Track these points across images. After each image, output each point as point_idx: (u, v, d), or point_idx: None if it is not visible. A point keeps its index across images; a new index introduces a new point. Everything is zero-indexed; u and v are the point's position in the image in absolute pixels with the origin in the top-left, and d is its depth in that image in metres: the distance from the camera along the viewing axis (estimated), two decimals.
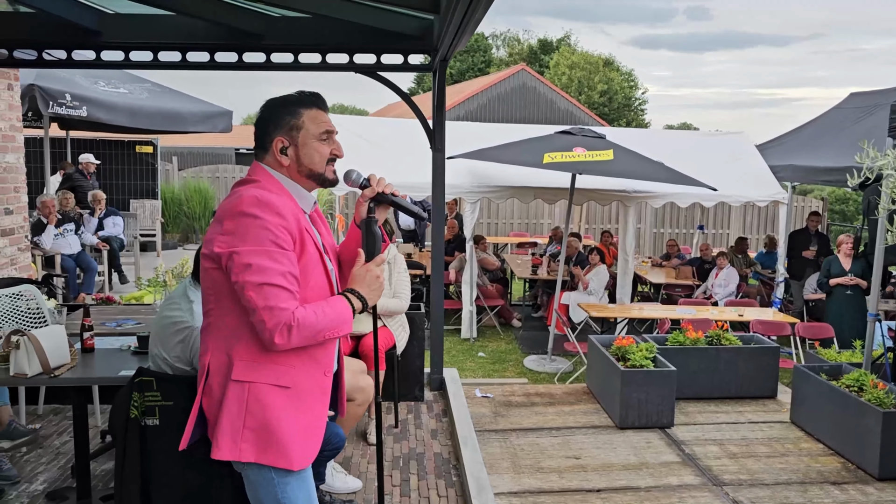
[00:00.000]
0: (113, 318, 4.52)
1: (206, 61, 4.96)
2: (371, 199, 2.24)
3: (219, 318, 2.08)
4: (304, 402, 2.10)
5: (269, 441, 2.04)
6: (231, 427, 2.03)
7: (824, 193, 19.56)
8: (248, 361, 2.04)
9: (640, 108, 41.16)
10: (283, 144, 2.13)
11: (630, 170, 7.11)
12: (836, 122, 9.83)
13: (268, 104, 2.19)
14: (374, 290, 2.18)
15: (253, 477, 2.11)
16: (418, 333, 5.00)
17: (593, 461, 4.71)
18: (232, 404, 2.04)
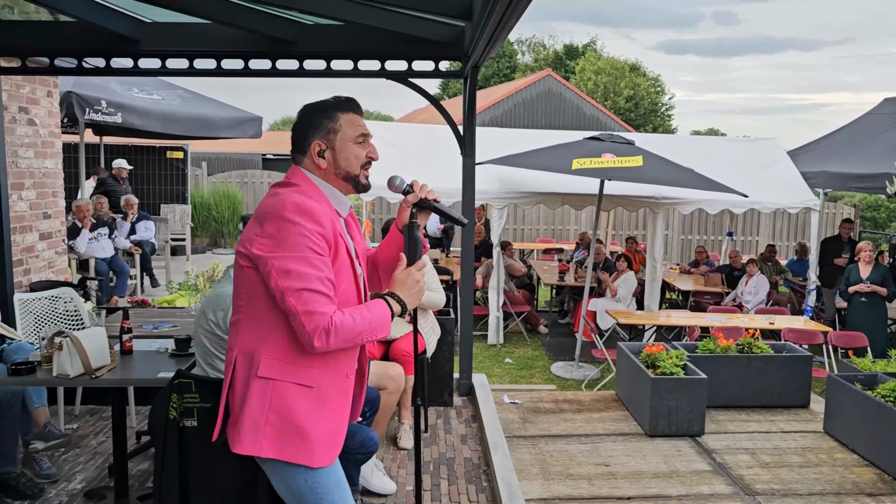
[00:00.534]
0: (149, 321, 4.60)
1: (240, 68, 5.04)
2: (413, 204, 2.27)
3: (249, 315, 2.11)
4: (326, 402, 2.13)
5: (290, 438, 2.07)
6: (252, 422, 2.07)
7: (856, 200, 19.29)
8: (274, 360, 2.07)
9: (666, 113, 40.87)
10: (321, 147, 2.17)
11: (660, 176, 7.07)
12: (870, 128, 9.71)
13: (305, 109, 2.23)
14: (414, 294, 2.22)
15: (280, 470, 2.13)
16: (447, 338, 5.02)
17: (623, 469, 4.68)
18: (255, 400, 2.07)
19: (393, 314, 2.16)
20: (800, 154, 10.33)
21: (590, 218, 14.43)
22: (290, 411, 2.07)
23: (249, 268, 2.07)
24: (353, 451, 3.19)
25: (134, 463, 4.01)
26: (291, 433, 2.08)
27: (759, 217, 15.28)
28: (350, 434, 3.20)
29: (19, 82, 5.59)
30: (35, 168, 5.77)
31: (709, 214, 12.17)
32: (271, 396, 2.07)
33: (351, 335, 2.03)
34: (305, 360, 2.09)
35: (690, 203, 8.53)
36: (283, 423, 2.07)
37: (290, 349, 2.07)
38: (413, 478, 3.96)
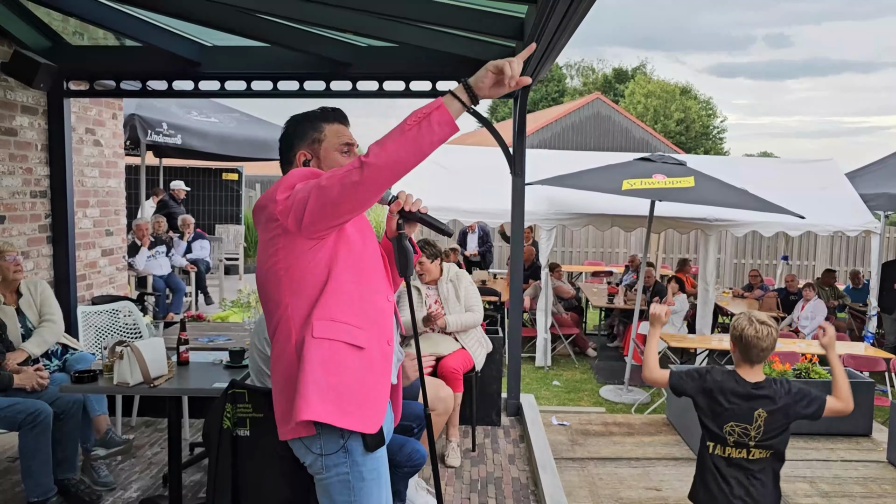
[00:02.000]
0: (205, 334, 4.71)
1: (295, 90, 5.17)
2: (400, 216, 2.29)
3: (291, 287, 2.08)
4: (374, 365, 2.11)
5: (349, 404, 2.04)
6: (316, 384, 2.00)
7: None
8: (326, 320, 2.05)
9: (718, 136, 40.27)
10: (306, 157, 2.22)
11: (712, 197, 6.96)
12: None
13: (291, 120, 2.28)
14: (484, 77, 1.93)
15: (331, 463, 2.10)
16: (495, 357, 5.01)
17: (675, 494, 4.57)
18: (315, 362, 2.02)
19: (461, 101, 1.91)
20: (859, 176, 10.04)
21: (639, 240, 14.24)
22: (347, 373, 2.04)
23: (280, 234, 2.05)
24: (401, 464, 3.19)
25: (187, 474, 4.09)
26: (347, 396, 2.03)
27: (815, 240, 14.87)
28: (398, 446, 3.22)
29: (87, 105, 5.84)
30: (99, 187, 6.00)
31: (763, 237, 11.93)
32: (330, 357, 2.03)
33: (403, 144, 1.87)
34: (354, 320, 2.08)
35: (744, 225, 8.36)
36: (343, 386, 2.03)
37: (337, 310, 2.06)
38: (459, 496, 3.95)
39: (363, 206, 1.99)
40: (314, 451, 2.11)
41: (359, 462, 2.11)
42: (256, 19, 4.52)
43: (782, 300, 9.64)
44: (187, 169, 13.02)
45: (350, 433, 2.08)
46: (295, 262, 2.07)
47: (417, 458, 3.23)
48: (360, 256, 2.15)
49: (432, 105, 1.87)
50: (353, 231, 2.15)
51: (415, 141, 1.86)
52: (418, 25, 4.49)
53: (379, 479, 2.17)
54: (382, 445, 2.15)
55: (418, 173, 7.99)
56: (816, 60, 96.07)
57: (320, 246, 2.07)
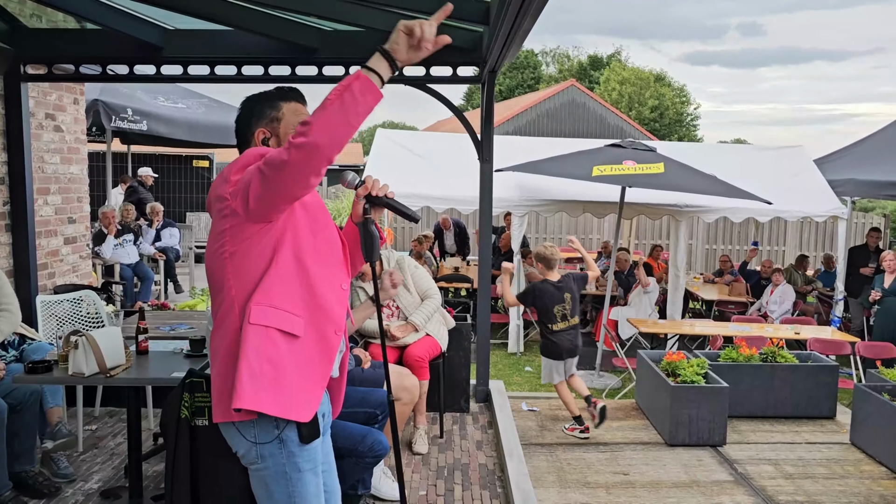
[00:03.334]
0: (167, 322, 4.65)
1: (260, 75, 5.08)
2: (366, 200, 2.28)
3: (235, 268, 2.06)
4: (309, 354, 2.09)
5: (279, 390, 2.02)
6: (250, 373, 1.99)
7: (887, 210, 18.91)
8: (263, 306, 2.03)
9: (692, 123, 40.55)
10: (265, 135, 2.19)
11: (681, 183, 6.99)
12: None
13: (248, 100, 2.25)
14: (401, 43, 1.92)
15: (267, 453, 2.08)
16: (464, 344, 5.00)
17: (642, 478, 4.61)
18: (250, 349, 2.00)
19: (378, 74, 1.88)
20: (827, 162, 10.15)
21: (613, 226, 14.31)
22: (280, 361, 2.02)
23: (228, 215, 2.03)
24: (363, 455, 3.17)
25: (150, 464, 4.03)
26: (281, 386, 2.02)
27: (785, 226, 15.05)
28: (360, 436, 3.20)
29: (46, 89, 5.69)
30: (61, 174, 5.86)
31: (733, 223, 12.04)
32: (265, 345, 2.02)
33: (328, 119, 1.83)
34: (294, 307, 2.06)
35: (714, 211, 8.43)
36: (275, 374, 2.01)
37: (277, 295, 2.04)
38: (426, 483, 3.94)
39: (301, 188, 1.94)
40: (248, 439, 2.09)
41: (295, 453, 2.09)
42: (220, 2, 4.42)
43: (753, 285, 9.74)
44: (156, 156, 12.83)
45: (285, 423, 2.06)
46: (241, 246, 2.05)
47: (379, 448, 3.21)
48: (309, 243, 2.12)
49: (351, 77, 1.86)
50: (304, 216, 2.13)
51: (339, 115, 1.83)
52: (384, 10, 4.43)
53: (315, 469, 2.15)
54: (318, 437, 2.13)
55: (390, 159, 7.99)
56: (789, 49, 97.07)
57: (267, 230, 2.05)
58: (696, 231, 14.91)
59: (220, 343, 2.10)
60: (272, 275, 2.06)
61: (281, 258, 2.07)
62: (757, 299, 9.41)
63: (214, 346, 2.13)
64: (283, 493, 2.12)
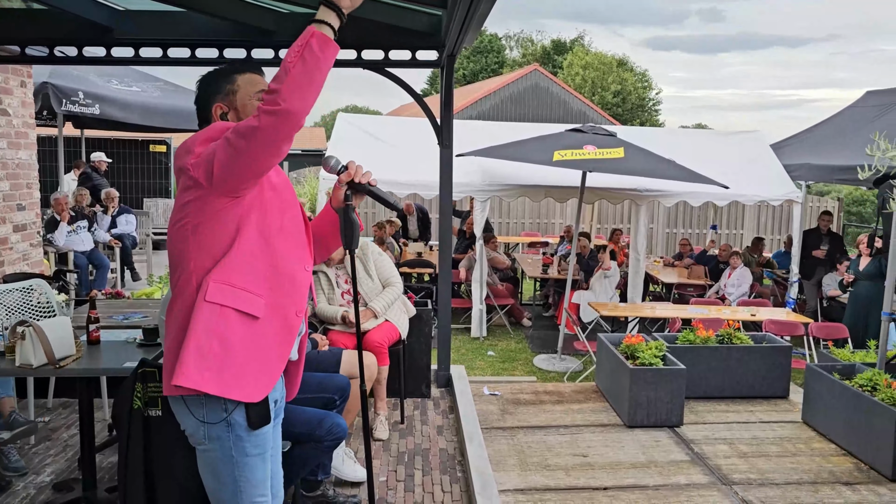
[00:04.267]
0: (121, 311, 4.55)
1: (215, 57, 4.98)
2: (348, 187, 2.26)
3: (198, 242, 2.04)
4: (266, 336, 2.07)
5: (227, 371, 2.00)
6: (198, 350, 1.98)
7: (841, 194, 19.38)
8: (222, 284, 2.01)
9: (654, 108, 40.96)
10: (223, 110, 2.16)
11: (641, 168, 7.06)
12: (852, 120, 9.74)
13: (203, 78, 2.23)
14: None
15: (214, 434, 2.07)
16: (425, 330, 4.99)
17: (601, 459, 4.67)
18: (200, 326, 1.99)
19: (329, 25, 1.88)
20: (783, 147, 10.35)
21: (574, 211, 14.43)
22: (232, 342, 2.01)
23: (191, 186, 2.00)
24: (322, 439, 3.15)
25: (105, 455, 3.96)
26: (230, 367, 2.00)
27: (743, 210, 15.33)
28: (317, 420, 3.18)
29: None
30: (8, 159, 5.69)
31: (693, 207, 12.23)
32: (217, 323, 2.00)
33: (293, 82, 1.82)
34: (254, 287, 2.05)
35: (673, 196, 8.53)
36: (225, 355, 2.00)
37: (237, 274, 2.02)
38: (386, 468, 3.94)
39: (271, 156, 1.91)
40: (196, 417, 2.07)
41: (242, 437, 2.08)
42: None
43: (711, 269, 9.91)
44: (111, 140, 12.53)
45: (234, 406, 2.05)
46: (204, 221, 2.02)
47: (338, 431, 3.19)
48: (278, 221, 2.10)
49: (306, 35, 1.84)
50: (272, 196, 2.10)
51: (303, 75, 1.82)
52: None
53: (264, 454, 2.14)
54: (267, 423, 2.11)
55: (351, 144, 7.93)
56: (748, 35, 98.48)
57: (233, 206, 2.02)
58: (657, 215, 15.11)
59: (174, 316, 2.08)
60: (235, 253, 2.03)
61: (245, 236, 2.04)
62: (715, 282, 9.58)
63: (168, 319, 2.11)
64: (229, 476, 2.12)
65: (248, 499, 2.14)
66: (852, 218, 20.68)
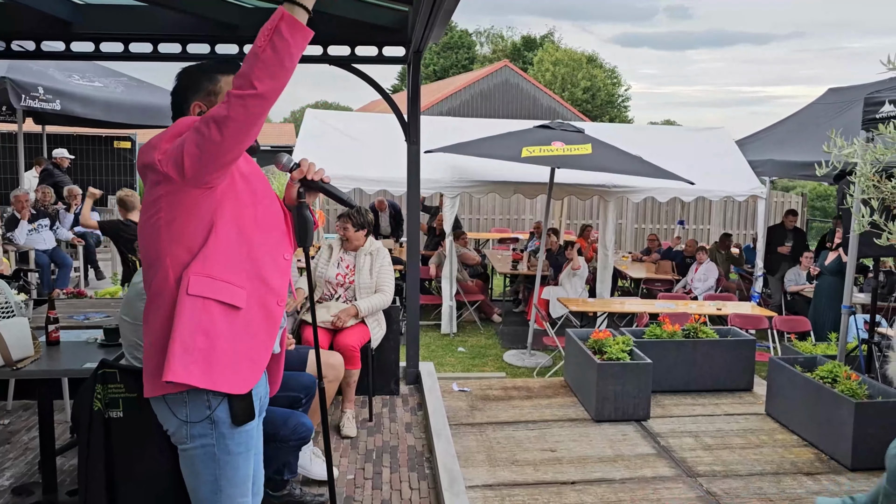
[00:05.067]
0: (82, 311, 4.47)
1: (178, 52, 4.91)
2: (301, 184, 2.25)
3: (172, 236, 2.01)
4: (250, 326, 2.07)
5: (215, 364, 1.99)
6: (183, 345, 1.96)
7: (805, 190, 19.74)
8: (203, 276, 1.99)
9: (623, 104, 41.30)
10: (202, 109, 2.13)
11: (608, 164, 7.11)
12: (814, 117, 9.91)
13: (185, 72, 2.19)
14: None
15: (197, 433, 2.05)
16: (394, 327, 4.98)
17: (569, 454, 4.70)
18: (185, 320, 1.97)
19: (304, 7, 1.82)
20: (748, 143, 10.50)
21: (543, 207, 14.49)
22: (217, 334, 1.99)
23: (160, 182, 1.97)
24: (287, 438, 3.13)
25: (66, 458, 3.89)
26: (218, 360, 1.99)
27: (710, 205, 15.53)
28: (282, 420, 3.16)
29: None
30: None
31: (661, 203, 12.34)
32: (200, 316, 1.98)
33: (263, 67, 1.78)
34: (235, 278, 2.03)
35: (641, 191, 8.61)
36: (212, 348, 1.99)
37: (217, 266, 2.01)
38: (353, 466, 3.93)
39: (242, 142, 1.89)
40: (179, 417, 2.05)
41: (226, 435, 2.06)
42: None
43: (679, 264, 10.03)
44: (75, 137, 12.27)
45: (218, 403, 2.03)
46: (178, 215, 1.99)
47: (303, 430, 3.18)
48: (251, 211, 2.09)
49: (275, 18, 1.80)
50: (244, 185, 2.08)
51: (273, 60, 1.79)
52: None
53: (247, 452, 2.12)
54: (252, 419, 2.09)
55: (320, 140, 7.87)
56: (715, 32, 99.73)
57: (205, 197, 1.99)
58: (625, 211, 15.24)
59: (154, 315, 2.05)
60: (212, 244, 2.01)
61: (221, 227, 2.02)
62: (683, 277, 9.70)
63: (148, 319, 2.08)
64: (209, 475, 2.09)
65: (227, 499, 2.11)
66: (816, 213, 21.06)
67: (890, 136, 3.02)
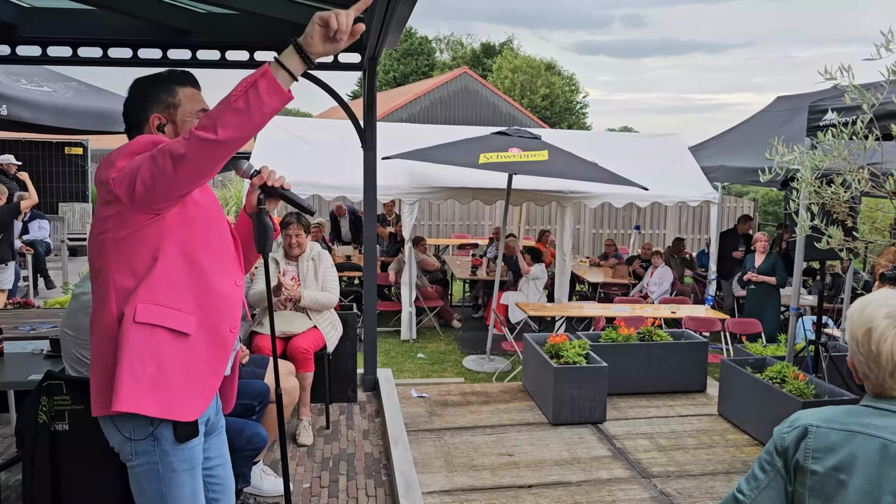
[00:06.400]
0: (28, 321, 4.35)
1: (128, 58, 4.82)
2: (261, 191, 2.26)
3: (119, 262, 1.99)
4: (198, 353, 2.05)
5: (164, 392, 1.97)
6: (132, 374, 1.94)
7: (758, 195, 20.20)
8: (150, 304, 1.97)
9: (581, 111, 41.82)
10: (161, 122, 2.12)
11: (564, 170, 7.20)
12: (764, 124, 10.16)
13: (140, 82, 2.16)
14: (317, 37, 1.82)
15: (140, 450, 2.02)
16: (351, 334, 4.96)
17: (526, 458, 4.74)
18: (132, 349, 1.95)
19: (288, 70, 1.81)
20: (701, 150, 10.72)
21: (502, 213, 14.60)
22: (166, 362, 1.98)
23: (111, 201, 1.94)
24: (241, 448, 3.10)
25: (12, 472, 3.78)
26: (166, 387, 1.98)
27: (665, 211, 15.81)
28: (237, 430, 3.12)
29: None
30: None
31: (618, 209, 12.54)
32: (149, 343, 1.96)
33: (232, 117, 1.75)
34: (183, 304, 2.02)
35: (597, 197, 8.73)
36: (160, 375, 1.97)
37: (163, 292, 1.99)
38: (310, 475, 3.90)
39: (196, 181, 1.88)
40: (124, 434, 2.03)
41: (168, 452, 2.03)
42: None
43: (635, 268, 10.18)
44: (22, 142, 11.96)
45: (160, 421, 2.01)
46: (125, 236, 1.97)
47: (258, 441, 3.15)
48: (201, 236, 2.07)
49: (258, 72, 1.78)
50: (195, 210, 2.06)
51: (244, 113, 1.76)
52: None
53: (192, 470, 2.10)
54: (196, 436, 2.07)
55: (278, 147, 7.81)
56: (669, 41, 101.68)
57: (153, 223, 1.97)
58: (583, 216, 15.42)
59: (96, 331, 2.03)
60: (158, 271, 1.99)
61: (168, 253, 2.00)
62: (639, 281, 9.85)
63: (93, 334, 2.06)
64: (154, 492, 2.07)
65: None
66: (769, 217, 21.54)
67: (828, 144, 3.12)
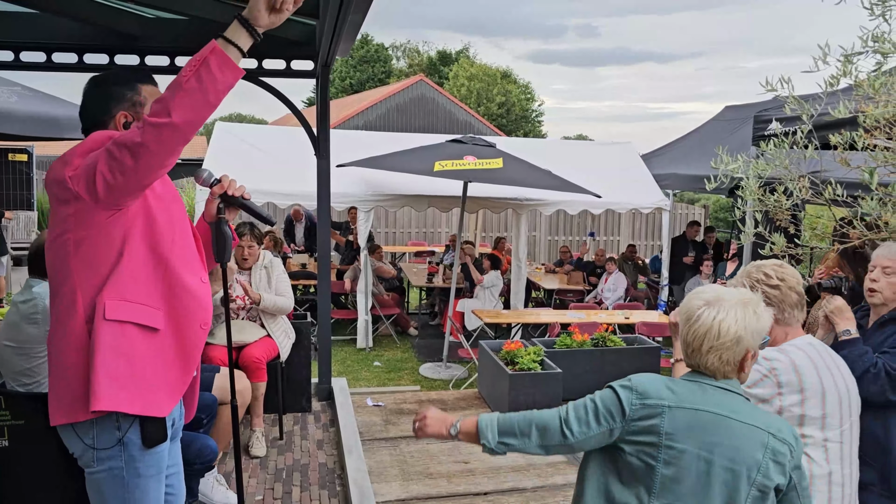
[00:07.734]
0: None
1: (74, 63, 4.70)
2: (222, 200, 2.25)
3: (83, 262, 1.95)
4: (168, 348, 2.03)
5: (137, 388, 1.96)
6: (107, 373, 1.91)
7: (709, 202, 20.66)
8: (119, 300, 1.94)
9: (537, 119, 42.26)
10: (127, 119, 2.09)
11: (518, 177, 7.26)
12: (713, 133, 10.40)
13: (100, 80, 2.13)
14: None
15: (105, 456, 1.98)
16: (305, 343, 4.91)
17: (482, 465, 4.75)
18: (105, 348, 1.92)
19: (235, 45, 1.79)
20: (653, 157, 10.92)
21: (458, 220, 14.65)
22: (137, 358, 1.96)
23: (70, 200, 1.90)
24: (192, 462, 3.04)
25: None
26: (140, 383, 1.96)
27: (619, 217, 16.05)
28: (186, 443, 3.05)
29: None
30: None
31: (573, 216, 12.67)
32: (120, 341, 1.93)
33: (185, 98, 1.72)
34: (150, 300, 1.99)
35: (551, 204, 8.82)
36: (133, 372, 1.95)
37: (131, 289, 1.96)
38: (262, 487, 3.84)
39: (156, 169, 1.84)
40: (86, 442, 1.99)
41: (136, 457, 2.01)
42: None
43: (590, 274, 10.31)
44: None
45: (129, 426, 1.98)
46: (87, 235, 1.93)
47: (208, 453, 3.09)
48: (164, 231, 2.04)
49: (206, 49, 1.76)
50: (158, 206, 2.03)
51: (197, 93, 1.74)
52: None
53: (158, 475, 2.08)
54: (163, 441, 2.03)
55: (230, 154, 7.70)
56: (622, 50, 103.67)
57: (116, 218, 1.93)
58: (539, 223, 15.57)
59: (60, 342, 1.97)
60: (124, 267, 1.96)
61: (133, 249, 1.96)
62: (594, 287, 9.97)
63: (55, 343, 2.00)
64: (116, 500, 2.03)
65: None
66: (719, 224, 22.04)
67: (771, 153, 3.22)
